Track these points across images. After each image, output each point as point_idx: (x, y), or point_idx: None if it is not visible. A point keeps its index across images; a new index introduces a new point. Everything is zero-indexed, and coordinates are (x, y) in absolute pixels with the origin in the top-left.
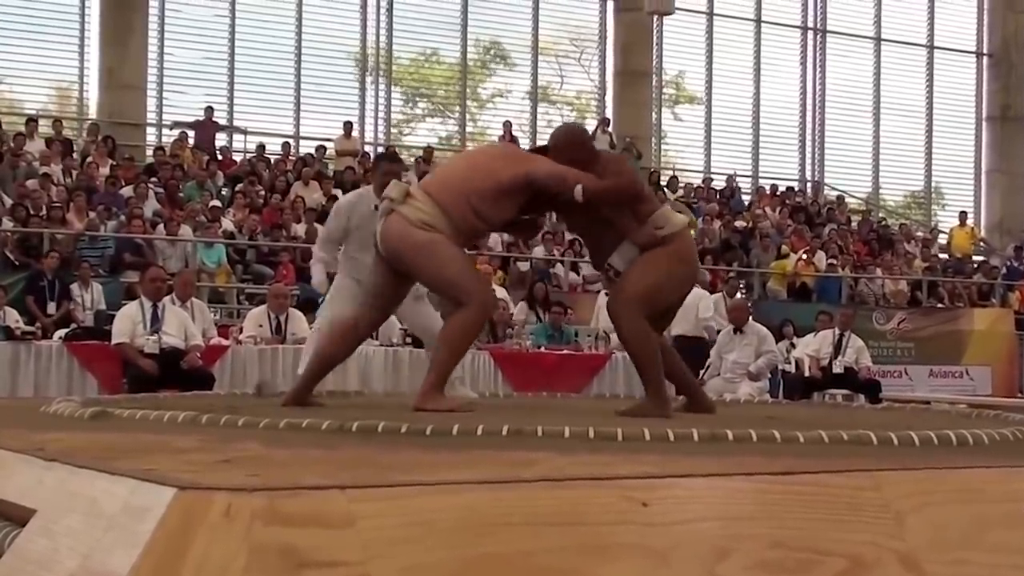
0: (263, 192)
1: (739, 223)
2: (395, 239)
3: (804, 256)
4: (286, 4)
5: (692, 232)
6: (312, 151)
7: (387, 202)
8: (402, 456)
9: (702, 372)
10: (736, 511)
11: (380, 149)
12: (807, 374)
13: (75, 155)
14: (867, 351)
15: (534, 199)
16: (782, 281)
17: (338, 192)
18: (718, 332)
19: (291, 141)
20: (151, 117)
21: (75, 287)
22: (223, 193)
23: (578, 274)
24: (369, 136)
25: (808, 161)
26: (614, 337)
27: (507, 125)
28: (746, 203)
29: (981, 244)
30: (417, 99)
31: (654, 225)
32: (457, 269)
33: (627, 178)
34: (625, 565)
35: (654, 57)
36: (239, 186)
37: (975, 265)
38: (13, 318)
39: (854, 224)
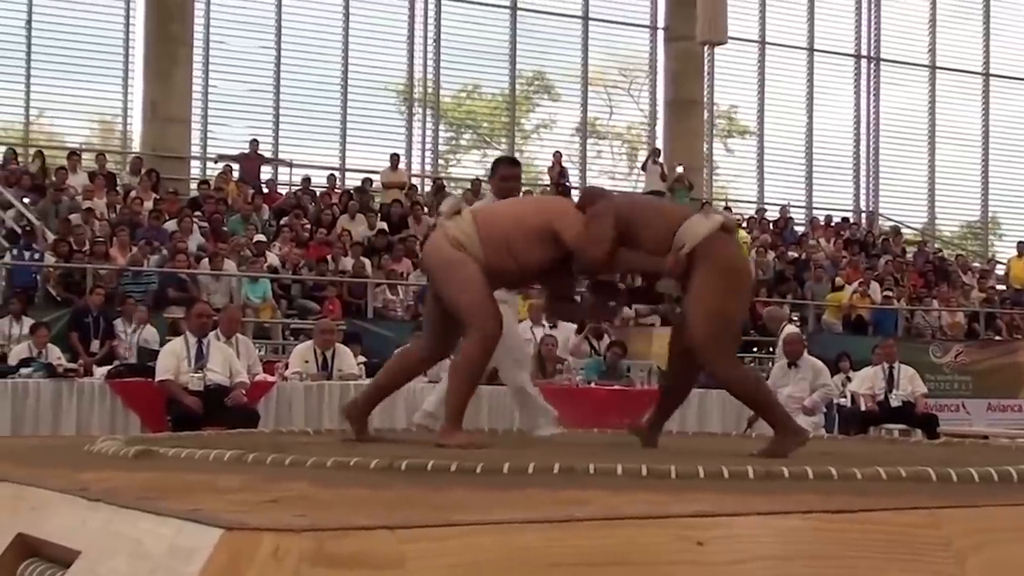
0: (308, 226)
1: (792, 254)
2: (428, 252)
3: (859, 288)
4: (332, 36)
5: (734, 233)
6: (358, 184)
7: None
8: (452, 495)
9: None
10: (792, 550)
11: (427, 181)
12: (863, 408)
13: (118, 189)
14: (919, 378)
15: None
16: (837, 314)
17: (383, 225)
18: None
19: (337, 174)
20: (195, 150)
21: (119, 323)
22: (268, 227)
23: (630, 307)
24: (416, 168)
25: (863, 191)
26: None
27: (557, 155)
28: (800, 234)
29: None
30: (462, 131)
31: (676, 247)
32: (471, 295)
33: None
34: None
35: (705, 86)
36: (284, 219)
37: None
38: (55, 355)
39: (910, 255)
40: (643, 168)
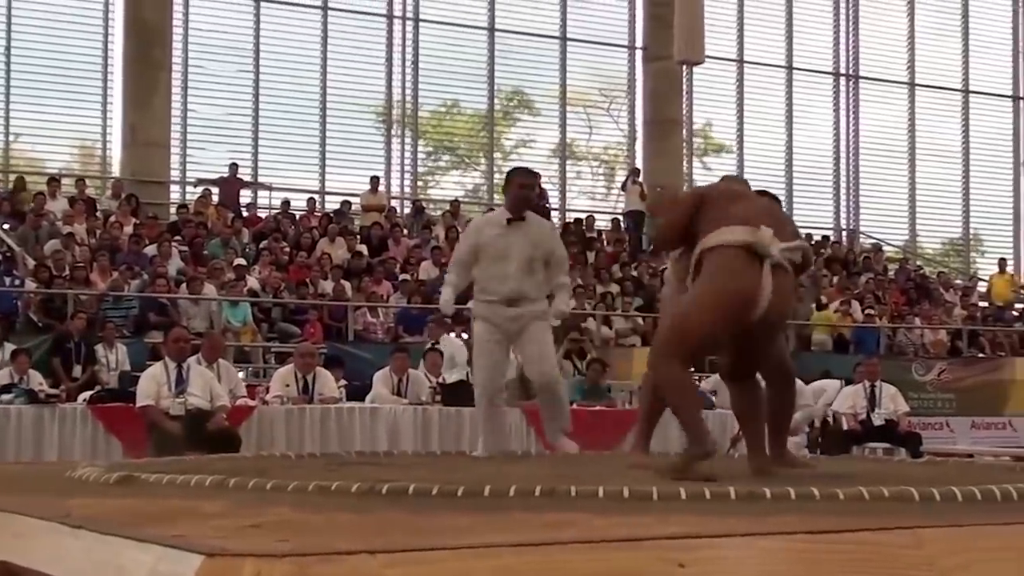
0: (288, 249)
1: None
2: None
3: (840, 307)
4: (310, 59)
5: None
6: (338, 206)
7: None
8: (434, 519)
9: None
10: (774, 571)
11: (407, 203)
12: (845, 427)
13: (98, 214)
14: (901, 396)
15: None
16: (826, 332)
17: (363, 248)
18: None
19: (316, 197)
20: (175, 175)
21: (100, 348)
22: (248, 250)
23: (610, 328)
24: (395, 190)
25: (843, 209)
26: None
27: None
28: None
29: (1022, 291)
30: (441, 151)
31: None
32: None
33: (660, 223)
34: None
35: (684, 106)
36: (264, 243)
37: (1016, 313)
38: (37, 381)
39: (891, 273)
40: (623, 188)
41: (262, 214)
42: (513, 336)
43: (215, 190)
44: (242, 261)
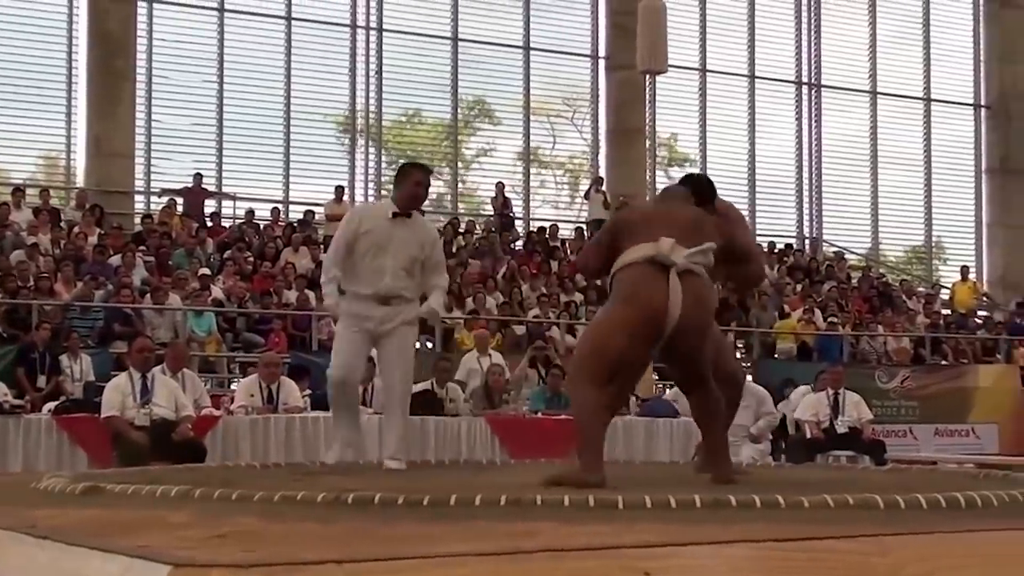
0: (252, 259)
1: None
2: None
3: (803, 315)
4: (274, 69)
5: (655, 261)
6: (302, 216)
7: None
8: (400, 528)
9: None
10: None
11: None
12: (808, 435)
13: (63, 224)
14: (865, 404)
15: None
16: (790, 340)
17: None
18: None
19: (280, 207)
20: (139, 185)
21: (64, 359)
22: (212, 260)
23: (575, 337)
24: (359, 199)
25: (806, 217)
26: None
27: (500, 186)
28: None
29: (984, 299)
30: (402, 160)
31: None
32: None
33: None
34: None
35: (647, 115)
36: (228, 253)
37: (978, 321)
38: (1, 391)
39: (854, 281)
40: (586, 197)
41: (226, 224)
42: (377, 338)
43: (180, 200)
44: (206, 271)
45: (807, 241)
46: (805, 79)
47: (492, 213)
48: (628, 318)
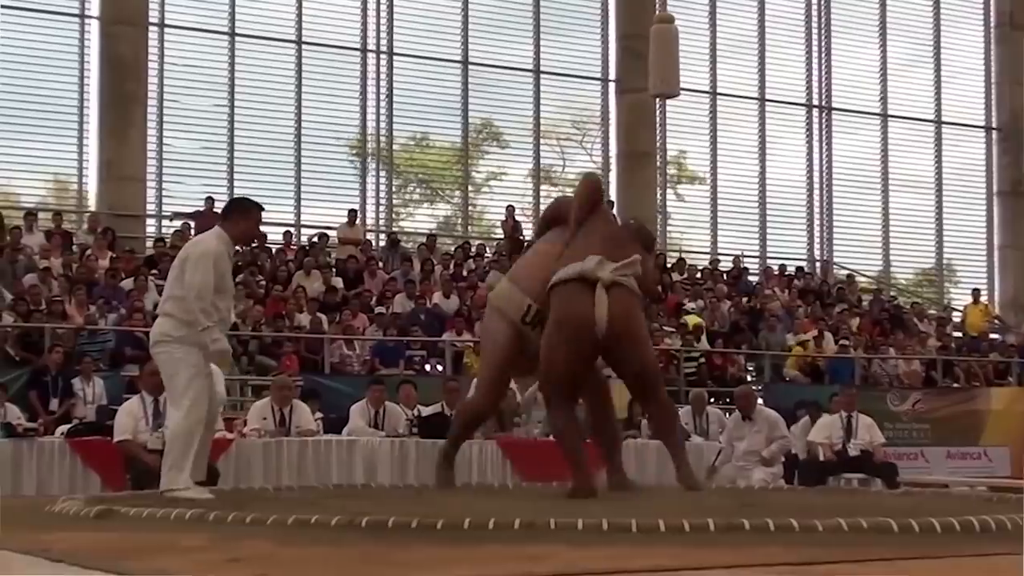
0: (264, 282)
1: (747, 304)
2: None
3: (814, 339)
4: (285, 93)
5: (588, 277)
6: (315, 239)
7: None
8: (413, 552)
9: (714, 458)
10: None
11: (383, 236)
12: (821, 458)
13: (75, 248)
14: (877, 427)
15: None
16: (796, 364)
17: (338, 281)
18: None
19: (292, 230)
20: (151, 208)
21: (77, 382)
22: None
23: None
24: (370, 222)
25: (816, 240)
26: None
27: (510, 209)
28: (754, 284)
29: (996, 321)
30: (413, 184)
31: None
32: None
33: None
34: None
35: (657, 137)
36: (240, 276)
37: (990, 343)
38: (15, 415)
39: (865, 303)
40: None
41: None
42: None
43: (191, 223)
44: None
45: (818, 264)
46: (816, 102)
47: (503, 236)
48: (564, 335)
